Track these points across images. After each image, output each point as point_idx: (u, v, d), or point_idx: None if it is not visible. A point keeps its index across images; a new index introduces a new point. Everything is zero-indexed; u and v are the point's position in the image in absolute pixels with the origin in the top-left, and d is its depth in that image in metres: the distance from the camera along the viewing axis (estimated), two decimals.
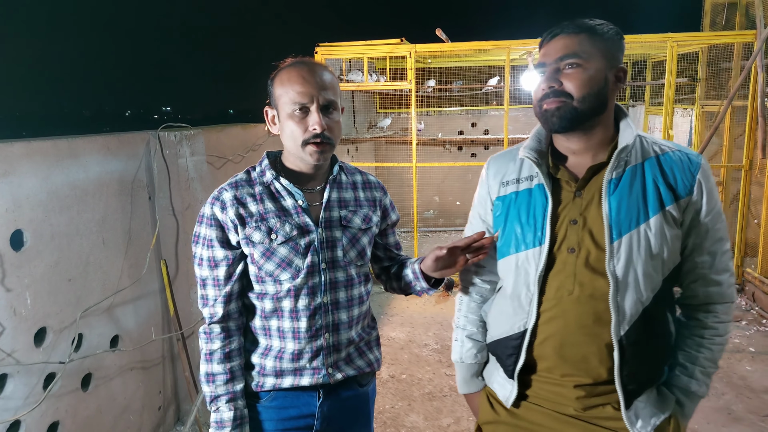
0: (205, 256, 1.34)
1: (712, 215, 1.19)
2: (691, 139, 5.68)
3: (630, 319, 1.16)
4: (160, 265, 2.75)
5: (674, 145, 1.23)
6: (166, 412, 2.85)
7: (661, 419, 1.22)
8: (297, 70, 1.30)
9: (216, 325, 1.35)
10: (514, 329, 1.27)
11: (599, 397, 1.22)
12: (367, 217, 1.43)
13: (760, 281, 4.34)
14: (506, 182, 1.30)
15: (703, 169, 1.19)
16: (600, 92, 1.17)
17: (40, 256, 2.05)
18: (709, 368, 1.24)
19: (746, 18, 5.13)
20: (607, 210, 1.16)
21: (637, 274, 1.15)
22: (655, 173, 1.18)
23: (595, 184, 1.20)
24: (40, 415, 2.04)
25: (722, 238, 1.22)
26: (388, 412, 3.05)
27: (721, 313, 1.24)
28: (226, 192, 1.34)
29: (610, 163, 1.18)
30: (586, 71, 1.15)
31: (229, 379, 1.34)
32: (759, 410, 2.96)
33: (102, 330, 2.39)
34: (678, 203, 1.17)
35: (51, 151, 2.12)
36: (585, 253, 1.18)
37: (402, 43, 5.07)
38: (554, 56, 1.17)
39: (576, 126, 1.18)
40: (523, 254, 1.24)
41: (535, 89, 1.23)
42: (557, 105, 1.16)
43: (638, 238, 1.15)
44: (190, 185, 2.85)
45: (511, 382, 1.29)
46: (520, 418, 1.30)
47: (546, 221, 1.21)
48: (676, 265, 1.21)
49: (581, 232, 1.19)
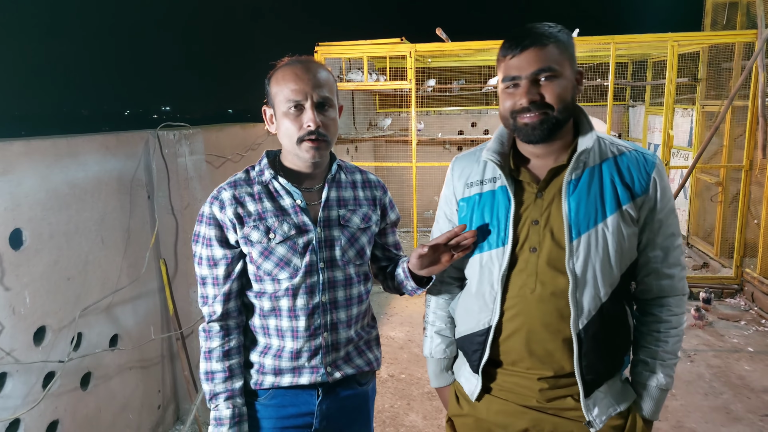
0: (204, 255, 1.35)
1: (665, 212, 1.24)
2: (691, 139, 5.67)
3: (588, 314, 1.21)
4: (159, 264, 2.75)
5: (631, 146, 1.28)
6: (165, 411, 2.85)
7: (618, 411, 1.27)
8: (292, 69, 1.31)
9: (215, 323, 1.35)
10: (479, 326, 1.31)
11: (561, 389, 1.27)
12: (367, 216, 1.43)
13: (759, 281, 4.34)
14: (470, 183, 1.35)
15: (657, 167, 1.24)
16: (572, 99, 1.22)
17: (39, 255, 2.05)
18: (669, 360, 1.30)
19: (747, 18, 5.12)
20: (566, 210, 1.21)
21: (595, 271, 1.20)
22: (613, 173, 1.23)
23: (555, 186, 1.25)
24: (39, 414, 2.04)
25: (674, 234, 1.27)
26: (387, 411, 3.05)
27: (674, 306, 1.29)
28: (225, 191, 1.35)
29: (570, 165, 1.22)
30: (561, 81, 1.19)
31: (227, 377, 1.34)
32: (758, 410, 2.96)
33: (101, 329, 2.39)
34: (634, 201, 1.22)
35: (50, 150, 2.12)
36: (546, 252, 1.23)
37: (402, 42, 5.06)
38: (529, 69, 1.18)
39: (552, 135, 1.22)
40: (487, 254, 1.29)
41: (505, 101, 1.24)
42: (540, 118, 1.19)
43: (596, 236, 1.20)
44: (189, 184, 2.85)
45: (476, 376, 1.35)
46: (482, 411, 1.36)
47: (509, 222, 1.25)
48: (633, 261, 1.26)
49: (542, 231, 1.24)
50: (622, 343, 1.29)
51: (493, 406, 1.34)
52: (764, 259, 4.38)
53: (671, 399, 3.09)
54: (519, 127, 1.22)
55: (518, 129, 1.22)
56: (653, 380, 1.29)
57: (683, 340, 1.35)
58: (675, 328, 1.29)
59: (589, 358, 1.22)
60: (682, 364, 3.50)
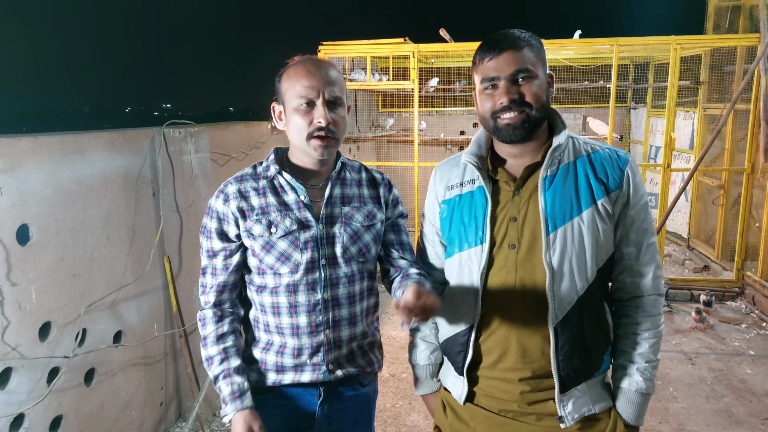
0: (205, 246, 1.39)
1: (637, 208, 1.26)
2: (692, 141, 5.68)
3: (565, 308, 1.23)
4: (163, 261, 2.75)
5: (604, 144, 1.32)
6: (167, 408, 2.85)
7: (593, 412, 1.27)
8: (304, 66, 1.33)
9: (208, 310, 1.39)
10: (462, 326, 1.33)
11: (542, 392, 1.28)
12: (371, 213, 1.43)
13: (760, 285, 4.35)
14: (451, 186, 1.38)
15: (630, 164, 1.27)
16: (547, 99, 1.27)
17: (45, 251, 2.06)
18: (647, 364, 1.28)
19: (750, 21, 5.13)
20: (542, 205, 1.24)
21: (571, 265, 1.23)
22: (587, 170, 1.26)
23: (532, 183, 1.28)
24: (44, 409, 2.05)
25: (647, 230, 1.28)
26: (388, 411, 3.06)
27: (649, 306, 1.29)
28: (231, 185, 1.38)
29: (545, 161, 1.26)
30: (537, 82, 1.24)
31: (223, 359, 1.35)
32: (760, 413, 2.97)
33: (105, 325, 2.39)
34: (609, 196, 1.24)
35: (57, 147, 2.13)
36: (525, 248, 1.25)
37: (405, 42, 5.07)
38: (508, 70, 1.22)
39: (531, 135, 1.26)
40: (466, 253, 1.31)
41: (484, 102, 1.27)
42: (521, 118, 1.23)
43: (572, 230, 1.23)
44: (194, 182, 2.85)
45: (461, 379, 1.36)
46: (467, 421, 1.37)
47: (486, 221, 1.28)
48: (610, 256, 1.28)
49: (521, 227, 1.26)
50: (599, 339, 1.29)
51: (476, 416, 1.35)
52: (765, 263, 4.39)
53: (672, 402, 3.10)
54: (500, 127, 1.25)
55: (499, 130, 1.25)
56: (631, 384, 1.28)
57: (684, 343, 1.35)
58: (650, 330, 1.28)
59: (565, 351, 1.23)
60: (683, 367, 3.51)
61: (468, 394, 1.35)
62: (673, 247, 5.91)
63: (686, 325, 4.13)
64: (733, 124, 5.01)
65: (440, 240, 1.43)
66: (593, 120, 5.61)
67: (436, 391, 1.49)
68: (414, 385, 1.53)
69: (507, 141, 1.27)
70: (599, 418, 1.28)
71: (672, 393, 3.19)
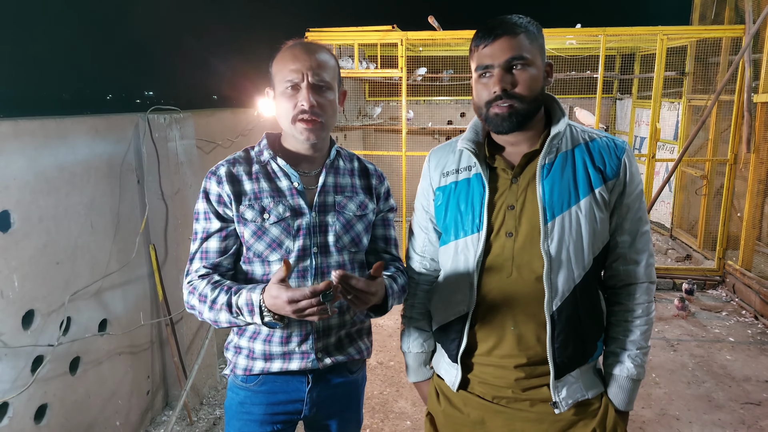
0: (201, 228, 1.36)
1: (633, 197, 1.27)
2: (677, 132, 5.74)
3: (562, 296, 1.23)
4: (149, 249, 2.72)
5: (601, 133, 1.32)
6: (154, 396, 2.83)
7: (586, 397, 1.29)
8: (292, 50, 1.32)
9: (194, 275, 1.33)
10: (457, 313, 1.32)
11: (536, 379, 1.28)
12: (363, 204, 1.42)
13: (740, 273, 4.43)
14: (446, 173, 1.36)
15: (627, 152, 1.27)
16: (542, 89, 1.24)
17: (27, 238, 2.02)
18: (637, 350, 1.29)
19: (735, 13, 5.18)
20: (541, 193, 1.23)
21: (569, 253, 1.22)
22: (585, 158, 1.26)
23: (530, 171, 1.27)
24: (28, 398, 2.02)
25: (642, 218, 1.29)
26: (376, 398, 3.07)
27: (641, 294, 1.30)
28: (223, 167, 1.36)
29: (543, 149, 1.25)
30: (532, 70, 1.21)
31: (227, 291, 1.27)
32: (739, 398, 3.04)
33: (90, 314, 2.36)
34: (606, 184, 1.24)
35: (39, 132, 2.08)
36: (522, 236, 1.25)
37: (393, 30, 5.03)
38: (502, 57, 1.20)
39: (523, 126, 1.24)
40: (462, 241, 1.30)
41: (478, 91, 1.25)
42: (510, 110, 1.21)
43: (570, 219, 1.22)
44: (179, 169, 2.81)
45: (455, 366, 1.35)
46: (460, 407, 1.37)
47: (483, 208, 1.27)
48: (605, 244, 1.28)
49: (518, 216, 1.25)
50: (594, 327, 1.30)
51: (470, 403, 1.35)
52: (746, 252, 4.47)
53: (655, 387, 3.16)
54: (490, 117, 1.23)
55: (489, 119, 1.24)
56: (623, 370, 1.29)
57: (666, 330, 1.37)
58: (642, 317, 1.29)
59: (561, 339, 1.24)
60: (665, 353, 3.57)
61: (462, 381, 1.35)
62: (657, 236, 5.99)
63: (668, 313, 4.20)
64: (717, 115, 5.06)
65: (434, 227, 1.42)
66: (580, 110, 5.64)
67: (428, 379, 1.49)
68: (406, 372, 1.52)
69: (496, 131, 1.26)
70: (591, 404, 1.30)
71: (654, 379, 3.25)
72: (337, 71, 1.37)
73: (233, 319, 1.27)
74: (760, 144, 4.30)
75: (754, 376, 3.28)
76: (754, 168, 4.36)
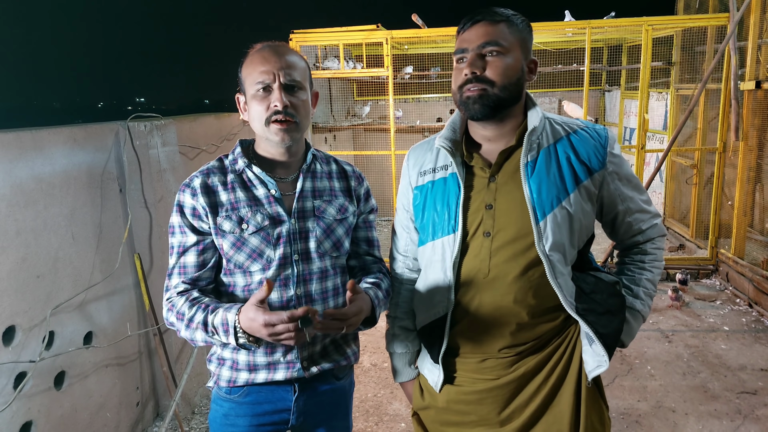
0: (177, 242, 1.33)
1: (624, 173, 1.29)
2: (666, 122, 5.74)
3: (571, 292, 1.23)
4: (133, 259, 2.68)
5: (581, 123, 1.30)
6: (144, 408, 2.79)
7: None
8: (260, 53, 1.29)
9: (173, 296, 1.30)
10: (435, 314, 1.31)
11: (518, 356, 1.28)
12: (343, 207, 1.39)
13: (733, 261, 4.43)
14: (424, 172, 1.35)
15: (610, 140, 1.27)
16: (518, 81, 1.22)
17: (5, 252, 1.98)
18: (650, 289, 1.34)
19: (719, 1, 5.17)
20: (528, 193, 1.21)
21: (564, 250, 1.22)
22: (568, 152, 1.24)
23: (508, 168, 1.25)
24: (12, 415, 1.98)
25: (637, 186, 1.32)
26: (370, 401, 3.05)
27: (658, 241, 1.36)
28: (197, 179, 1.32)
29: (524, 146, 1.23)
30: (507, 59, 1.19)
31: (204, 309, 1.25)
32: (734, 387, 3.03)
33: (75, 327, 2.32)
34: (592, 177, 1.24)
35: (13, 144, 2.04)
36: (501, 236, 1.22)
37: (378, 29, 5.00)
38: (476, 42, 1.19)
39: (495, 113, 1.21)
40: (439, 241, 1.28)
41: (455, 76, 1.25)
42: (479, 93, 1.19)
43: (560, 216, 1.21)
44: (162, 176, 2.77)
45: (437, 367, 1.35)
46: (443, 401, 1.36)
47: (459, 208, 1.25)
48: (589, 237, 1.29)
49: (497, 215, 1.23)
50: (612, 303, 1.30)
51: (452, 395, 1.34)
52: (738, 240, 4.46)
53: (650, 380, 3.14)
54: (463, 101, 1.22)
55: (462, 103, 1.23)
56: (637, 304, 1.31)
57: (661, 321, 1.39)
58: (658, 261, 1.35)
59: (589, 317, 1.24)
60: (660, 345, 3.56)
61: (444, 381, 1.34)
62: None
63: (663, 304, 4.19)
64: (705, 104, 5.06)
65: (414, 226, 1.39)
66: (568, 103, 5.62)
67: (414, 378, 1.47)
68: (392, 373, 1.50)
69: (469, 116, 1.24)
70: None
71: (650, 371, 3.24)
72: (308, 72, 1.35)
73: (209, 338, 1.24)
74: (748, 131, 4.29)
75: (749, 364, 3.28)
76: (743, 155, 4.36)
